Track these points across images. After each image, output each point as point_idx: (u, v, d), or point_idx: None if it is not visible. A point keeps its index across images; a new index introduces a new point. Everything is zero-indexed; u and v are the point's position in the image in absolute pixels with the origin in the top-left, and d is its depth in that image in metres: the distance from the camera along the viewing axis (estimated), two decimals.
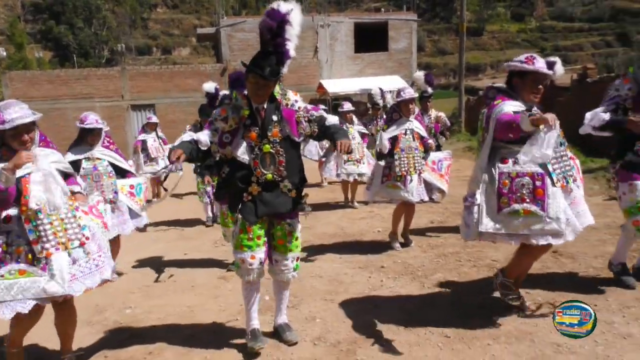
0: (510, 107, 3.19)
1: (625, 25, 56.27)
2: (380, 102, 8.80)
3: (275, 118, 3.16)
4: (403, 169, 5.22)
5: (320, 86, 22.69)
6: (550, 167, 3.13)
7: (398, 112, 5.40)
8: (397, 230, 5.61)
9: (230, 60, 22.10)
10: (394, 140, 5.28)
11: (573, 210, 3.20)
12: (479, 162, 3.33)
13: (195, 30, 40.22)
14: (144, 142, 10.02)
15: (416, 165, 5.28)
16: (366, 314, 3.77)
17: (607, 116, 3.66)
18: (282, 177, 3.18)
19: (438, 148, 7.50)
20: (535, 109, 3.28)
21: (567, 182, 3.19)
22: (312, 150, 10.61)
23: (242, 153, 3.13)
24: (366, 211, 7.78)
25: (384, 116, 7.52)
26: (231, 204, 3.32)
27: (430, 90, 7.22)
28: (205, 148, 3.17)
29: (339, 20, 23.87)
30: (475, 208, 3.22)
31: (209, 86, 6.15)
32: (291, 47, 3.03)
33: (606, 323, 3.23)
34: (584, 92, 11.26)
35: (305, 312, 3.92)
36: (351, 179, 8.19)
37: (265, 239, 3.27)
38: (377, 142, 5.43)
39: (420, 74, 7.08)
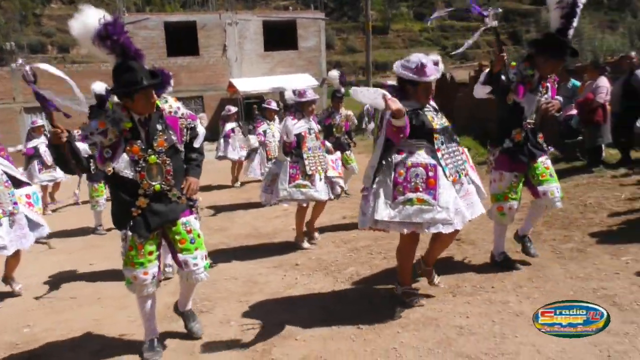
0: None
1: (516, 24, 60.70)
2: (342, 90, 8.98)
3: (159, 127, 3.10)
4: (312, 168, 5.31)
5: (231, 85, 22.38)
6: (442, 162, 3.32)
7: (300, 112, 5.47)
8: (302, 231, 5.66)
9: None
10: (299, 139, 5.35)
11: (466, 201, 3.40)
12: (371, 160, 3.45)
13: None
14: (35, 148, 9.29)
15: (322, 164, 5.42)
16: (281, 312, 3.78)
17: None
18: (171, 186, 3.14)
19: (348, 145, 7.76)
20: (427, 107, 3.47)
21: (459, 176, 3.41)
22: (233, 150, 10.46)
23: (125, 167, 3.02)
24: (281, 210, 7.77)
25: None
26: (118, 221, 3.18)
27: (343, 90, 7.51)
28: (86, 155, 3.00)
29: (247, 18, 23.65)
30: (372, 197, 3.34)
31: (99, 87, 5.77)
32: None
33: (502, 303, 3.48)
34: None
35: (220, 315, 3.86)
36: None
37: (158, 252, 3.20)
38: (282, 129, 5.44)
39: (335, 74, 7.35)
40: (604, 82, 7.25)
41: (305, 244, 5.57)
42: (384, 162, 3.38)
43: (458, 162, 3.44)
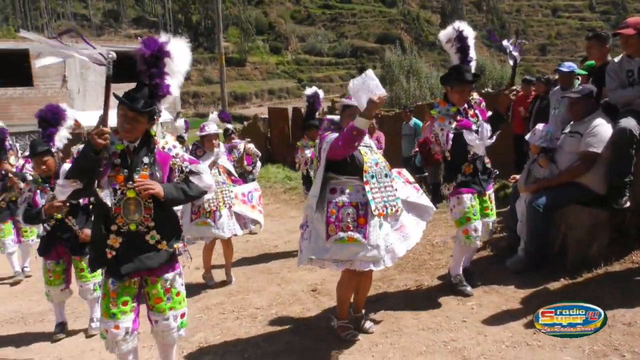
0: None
1: (364, 61, 65.25)
2: (185, 135, 8.60)
3: (146, 160, 2.85)
4: (212, 205, 5.15)
5: None
6: (370, 196, 3.32)
7: (201, 148, 5.31)
8: (210, 267, 5.57)
9: None
10: None
11: (401, 233, 3.49)
12: (313, 190, 3.44)
13: None
14: None
15: (225, 199, 5.25)
16: None
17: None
18: (149, 227, 2.83)
19: (252, 179, 7.48)
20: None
21: (387, 212, 3.38)
22: None
23: (106, 195, 2.78)
24: None
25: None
26: (92, 262, 2.95)
27: (230, 126, 7.56)
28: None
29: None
30: (307, 235, 3.42)
31: None
32: (172, 82, 2.84)
33: None
34: None
35: None
36: None
37: (134, 304, 2.92)
38: None
39: (214, 116, 7.33)
40: None
41: (213, 283, 5.50)
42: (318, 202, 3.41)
43: (389, 197, 3.44)
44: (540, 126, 4.63)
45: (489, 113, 4.26)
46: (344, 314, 3.75)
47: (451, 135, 4.01)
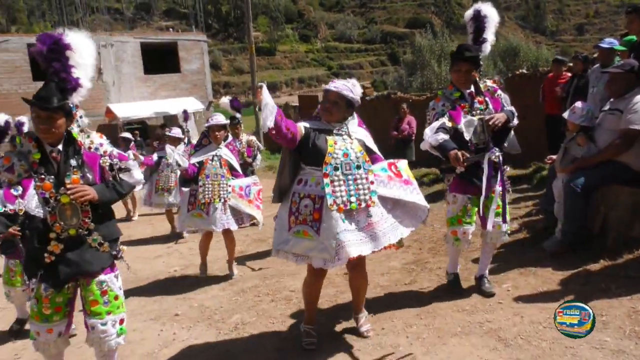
0: (303, 123, 3.26)
1: (394, 46, 64.50)
2: (184, 125, 8.59)
3: (74, 163, 2.78)
4: (207, 197, 5.16)
5: (109, 111, 20.96)
6: (329, 190, 3.05)
7: (207, 137, 5.36)
8: (206, 260, 5.58)
9: None
10: (200, 165, 5.22)
11: (368, 232, 3.07)
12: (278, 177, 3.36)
13: None
14: None
15: (221, 193, 5.21)
16: None
17: (440, 137, 3.55)
18: (90, 229, 2.79)
19: (252, 172, 7.38)
20: (339, 131, 3.25)
21: (350, 207, 3.04)
22: None
23: (37, 206, 2.67)
24: (164, 248, 7.21)
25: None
26: (28, 268, 2.84)
27: (238, 115, 7.28)
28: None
29: (124, 40, 22.35)
30: (276, 225, 3.29)
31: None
32: (80, 74, 2.74)
33: (392, 347, 3.31)
34: (363, 109, 12.28)
35: None
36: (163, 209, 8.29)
37: (68, 308, 2.88)
38: (180, 165, 5.25)
39: (226, 100, 7.12)
40: None
41: (204, 274, 5.54)
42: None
43: (359, 191, 3.09)
44: (579, 104, 4.50)
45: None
46: (309, 317, 3.55)
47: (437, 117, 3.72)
